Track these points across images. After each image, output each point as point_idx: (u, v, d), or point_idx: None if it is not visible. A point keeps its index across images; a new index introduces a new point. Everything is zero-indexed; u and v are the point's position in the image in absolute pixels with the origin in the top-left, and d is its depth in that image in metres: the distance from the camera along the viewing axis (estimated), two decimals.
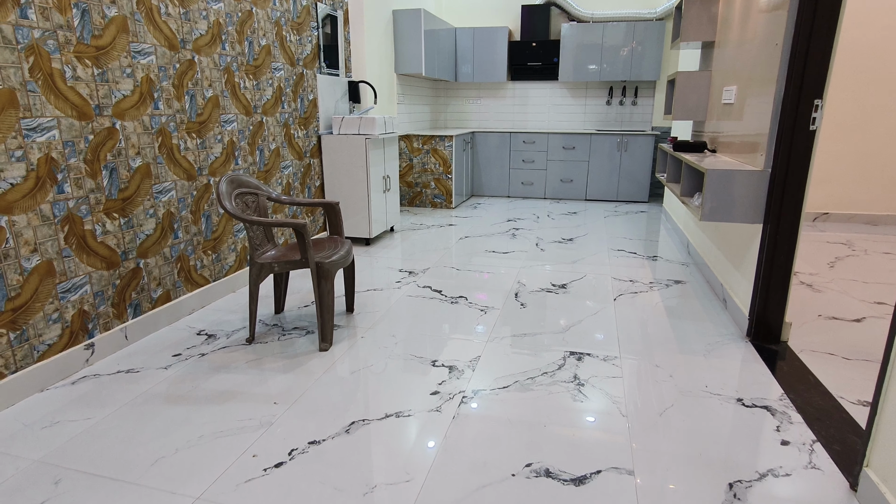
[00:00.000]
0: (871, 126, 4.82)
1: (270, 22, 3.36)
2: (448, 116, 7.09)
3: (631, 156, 6.12)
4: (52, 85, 2.05)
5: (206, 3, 2.79)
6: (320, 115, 4.05)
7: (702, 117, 3.66)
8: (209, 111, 2.89)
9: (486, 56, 6.45)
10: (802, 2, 2.13)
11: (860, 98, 4.78)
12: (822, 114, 2.22)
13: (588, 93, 6.59)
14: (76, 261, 2.20)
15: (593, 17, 6.19)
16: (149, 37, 2.46)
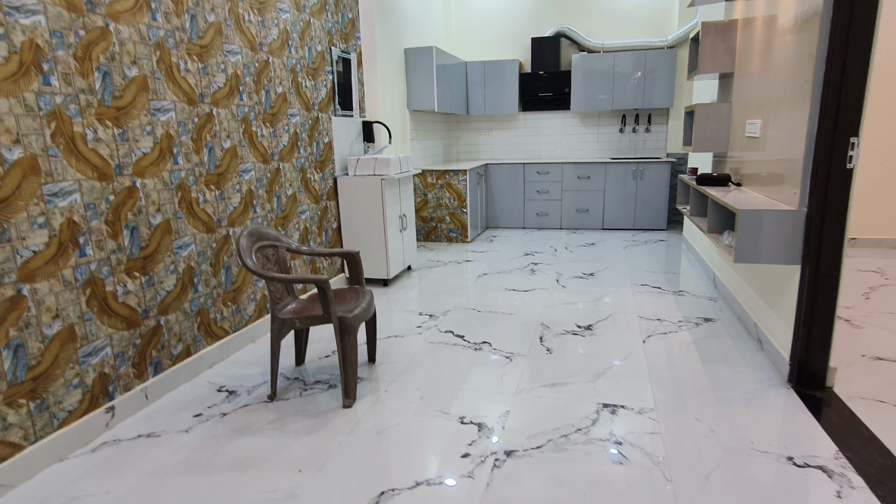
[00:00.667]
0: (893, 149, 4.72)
1: (286, 70, 3.38)
2: (460, 149, 7.10)
3: (647, 183, 6.05)
4: (74, 148, 2.04)
5: (223, 56, 2.81)
6: (336, 156, 4.05)
7: (723, 149, 3.59)
8: (227, 162, 2.88)
9: (498, 88, 6.48)
10: (833, 38, 2.07)
11: (883, 121, 4.69)
12: (858, 151, 2.14)
13: (601, 121, 6.57)
14: (97, 323, 2.16)
15: (603, 46, 6.21)
16: (168, 93, 2.47)
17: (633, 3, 6.20)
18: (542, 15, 6.47)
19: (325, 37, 3.82)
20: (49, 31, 1.93)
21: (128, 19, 2.24)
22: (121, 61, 2.22)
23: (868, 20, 2.01)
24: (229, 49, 2.85)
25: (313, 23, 3.66)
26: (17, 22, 1.82)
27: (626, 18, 6.25)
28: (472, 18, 6.68)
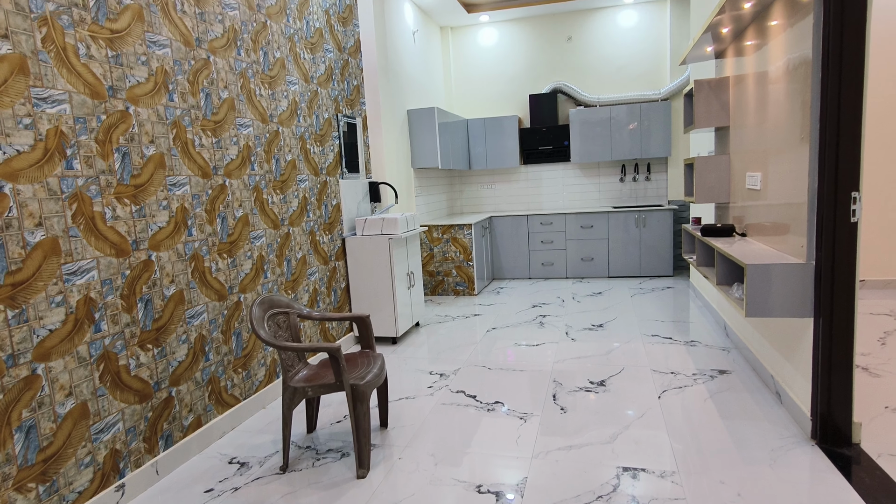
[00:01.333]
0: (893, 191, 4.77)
1: (295, 138, 3.49)
2: (464, 203, 7.21)
3: (650, 230, 6.10)
4: (93, 227, 2.10)
5: (236, 129, 2.92)
6: (344, 218, 4.12)
7: (725, 199, 3.65)
8: (239, 230, 2.94)
9: (498, 143, 6.65)
10: (825, 93, 2.15)
11: (885, 162, 4.76)
12: (861, 205, 2.17)
13: (601, 171, 6.70)
14: (110, 398, 2.16)
15: (599, 100, 6.41)
16: (184, 169, 2.56)
17: (626, 60, 6.45)
18: (538, 73, 6.73)
19: (331, 104, 3.97)
20: (73, 117, 2.03)
21: (147, 102, 2.35)
22: (139, 141, 2.31)
23: (857, 70, 2.09)
24: (241, 122, 2.97)
25: (320, 92, 3.82)
26: (43, 112, 1.92)
27: (620, 73, 6.49)
28: (472, 79, 6.94)
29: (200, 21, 2.67)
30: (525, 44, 6.72)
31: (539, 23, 6.64)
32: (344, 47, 4.18)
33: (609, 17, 6.45)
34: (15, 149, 1.82)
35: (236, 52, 2.93)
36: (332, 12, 4.00)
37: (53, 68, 1.95)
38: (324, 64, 3.87)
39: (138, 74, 2.31)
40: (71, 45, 2.02)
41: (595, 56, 6.54)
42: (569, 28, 6.57)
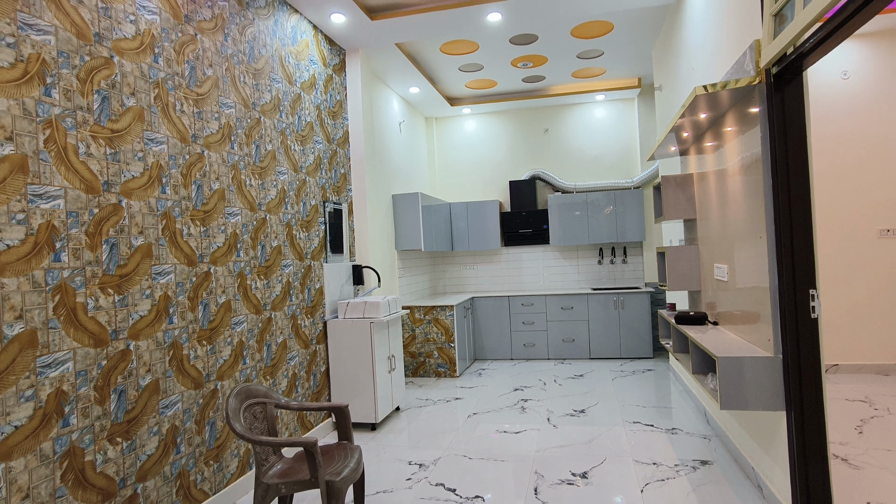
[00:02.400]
0: (858, 276, 4.99)
1: (282, 225, 3.60)
2: (447, 283, 7.30)
3: (629, 312, 6.20)
4: (74, 319, 2.11)
5: (224, 218, 3.01)
6: (326, 301, 4.15)
7: (696, 287, 3.78)
8: (221, 316, 2.95)
9: (480, 226, 6.86)
10: (776, 197, 2.32)
11: (850, 248, 5.01)
12: (819, 301, 2.29)
13: (579, 254, 6.90)
14: (70, 499, 2.06)
15: (576, 187, 6.73)
16: (170, 257, 2.61)
17: (599, 150, 6.86)
18: (518, 161, 7.09)
19: (319, 192, 4.13)
20: (66, 212, 2.09)
21: (139, 195, 2.44)
22: (128, 232, 2.38)
23: (803, 174, 2.28)
24: (230, 211, 3.07)
25: (308, 181, 3.98)
26: (38, 207, 1.98)
27: (595, 163, 6.87)
28: (455, 165, 7.27)
29: (198, 119, 2.84)
30: (505, 134, 7.13)
31: (518, 115, 7.09)
32: (333, 138, 4.41)
33: (582, 112, 6.92)
34: (5, 243, 1.86)
35: (230, 146, 3.09)
36: (322, 107, 4.25)
37: (52, 166, 2.04)
38: (313, 154, 4.06)
39: (134, 169, 2.42)
40: (72, 144, 2.12)
41: (571, 146, 6.94)
42: (545, 121, 7.02)
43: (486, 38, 4.81)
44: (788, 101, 2.29)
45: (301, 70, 3.95)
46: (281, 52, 3.69)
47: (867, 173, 4.92)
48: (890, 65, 4.87)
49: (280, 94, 3.65)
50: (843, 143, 4.94)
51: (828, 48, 1.98)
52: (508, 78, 6.02)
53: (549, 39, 4.93)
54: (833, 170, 4.98)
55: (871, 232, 4.93)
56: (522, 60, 5.46)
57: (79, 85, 2.16)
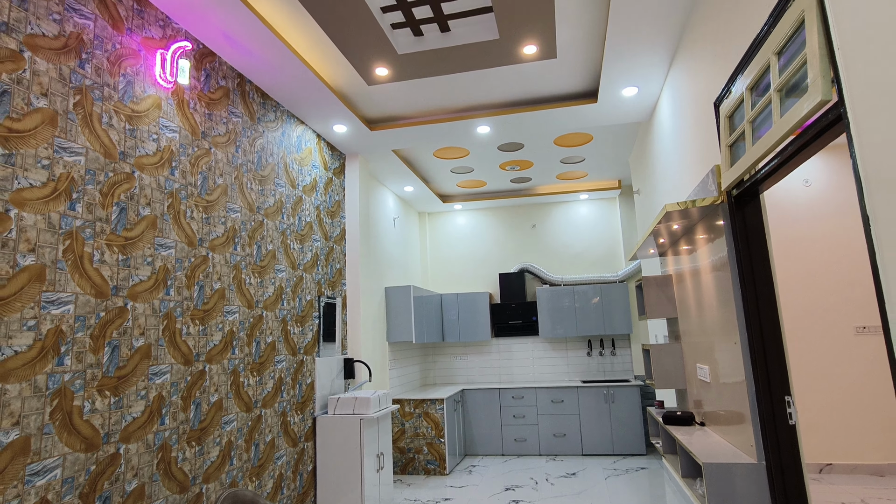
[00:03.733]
0: (839, 374, 5.08)
1: (277, 321, 3.69)
2: (437, 373, 7.27)
3: (619, 406, 6.17)
4: (69, 423, 2.14)
5: (223, 317, 3.11)
6: (317, 396, 4.15)
7: (682, 385, 3.85)
8: (212, 416, 2.96)
9: (471, 317, 6.96)
10: (747, 305, 2.48)
11: (824, 348, 5.13)
12: (796, 408, 2.38)
13: (568, 346, 6.97)
14: None
15: (563, 280, 6.94)
16: (168, 358, 2.67)
17: (584, 246, 7.15)
18: (507, 254, 7.35)
19: (314, 287, 4.26)
20: (74, 316, 2.20)
21: (145, 297, 2.56)
22: (131, 334, 2.46)
23: (768, 286, 2.45)
24: (229, 310, 3.17)
25: (305, 277, 4.13)
26: (48, 314, 2.09)
27: (580, 258, 7.13)
28: (447, 258, 7.51)
29: (205, 224, 3.02)
30: (494, 229, 7.45)
31: (506, 212, 7.45)
32: (330, 236, 4.62)
33: (567, 210, 7.29)
34: (14, 349, 1.95)
35: (233, 248, 3.26)
36: (322, 208, 4.50)
37: (67, 274, 2.17)
38: (311, 252, 4.25)
39: (142, 273, 2.55)
40: (88, 252, 2.27)
41: (557, 241, 7.24)
42: (533, 217, 7.37)
43: (475, 146, 5.20)
44: (749, 219, 2.52)
45: (304, 174, 4.23)
46: (286, 159, 3.98)
47: (838, 273, 5.16)
48: (847, 174, 5.29)
49: (283, 198, 3.89)
50: (811, 245, 5.23)
51: (779, 177, 2.23)
52: (497, 179, 6.41)
53: (533, 147, 5.34)
54: (805, 271, 5.23)
55: (847, 329, 5.09)
56: (510, 164, 5.86)
57: (100, 199, 2.35)
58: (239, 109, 3.43)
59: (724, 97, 2.55)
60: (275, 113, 3.87)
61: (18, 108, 2.02)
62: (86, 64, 2.32)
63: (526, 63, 3.64)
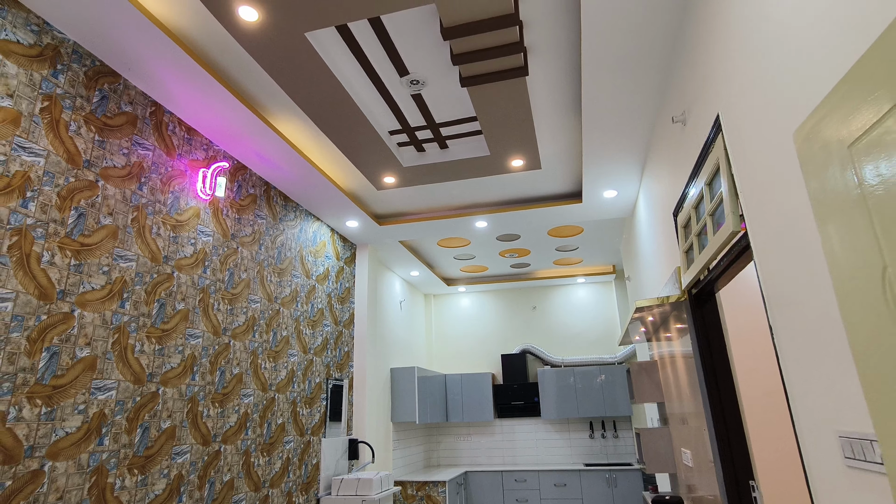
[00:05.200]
0: None
1: (288, 402, 3.97)
2: (441, 454, 7.32)
3: (622, 491, 6.16)
4: (103, 499, 2.41)
5: (239, 400, 3.42)
6: (321, 476, 4.33)
7: (673, 470, 3.99)
8: (223, 494, 3.19)
9: (474, 397, 7.12)
10: (711, 395, 2.75)
11: None
12: (760, 491, 2.58)
13: (570, 427, 7.05)
14: None
15: (563, 361, 7.15)
16: (189, 438, 2.96)
17: (583, 327, 7.42)
18: (508, 335, 7.62)
19: (323, 370, 4.57)
20: (115, 401, 2.53)
21: (174, 383, 2.90)
22: (160, 417, 2.78)
23: (727, 375, 2.72)
24: (245, 392, 3.48)
25: (315, 360, 4.45)
26: (95, 399, 2.43)
27: (579, 338, 7.38)
28: (451, 339, 7.80)
29: (229, 315, 3.41)
30: (496, 310, 7.77)
31: (508, 294, 7.81)
32: (340, 321, 4.98)
33: (566, 292, 7.64)
34: (66, 431, 2.27)
35: (252, 335, 3.62)
36: (333, 295, 4.90)
37: (113, 363, 2.53)
38: (321, 336, 4.59)
39: (173, 361, 2.91)
40: (131, 344, 2.65)
41: (557, 323, 7.52)
42: (533, 299, 7.71)
43: (476, 237, 5.67)
44: (707, 316, 2.86)
45: (318, 265, 4.67)
46: (302, 252, 4.43)
47: None
48: None
49: (298, 287, 4.30)
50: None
51: (725, 281, 2.59)
52: (497, 264, 6.83)
53: (529, 238, 5.79)
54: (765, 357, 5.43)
55: None
56: (509, 252, 6.30)
57: (145, 297, 2.76)
58: (264, 212, 3.92)
59: (679, 209, 2.97)
60: (294, 213, 4.37)
61: (90, 227, 2.48)
62: (143, 186, 2.82)
63: (515, 173, 4.16)
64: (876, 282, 1.03)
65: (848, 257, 1.14)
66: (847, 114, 1.03)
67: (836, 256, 1.19)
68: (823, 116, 1.13)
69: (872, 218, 1.03)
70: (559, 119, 3.50)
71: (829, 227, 1.23)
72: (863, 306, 1.09)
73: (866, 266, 1.06)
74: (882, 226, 1.00)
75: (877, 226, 1.02)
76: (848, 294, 1.15)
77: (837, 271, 1.19)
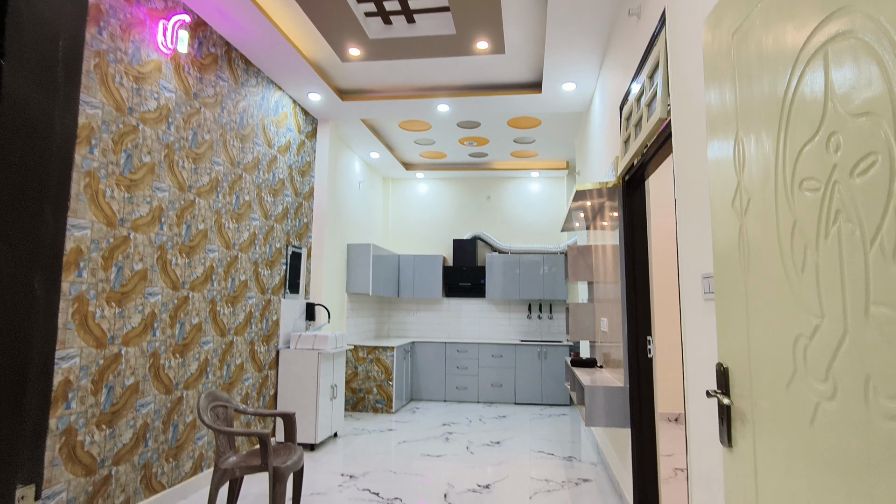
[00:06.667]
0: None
1: (250, 262, 4.25)
2: (391, 327, 7.95)
3: (550, 363, 7.01)
4: (86, 324, 2.68)
5: (205, 254, 3.66)
6: (281, 332, 4.75)
7: (592, 338, 4.63)
8: (193, 335, 3.53)
9: (425, 277, 7.63)
10: (629, 267, 3.21)
11: None
12: (654, 346, 3.14)
13: (511, 308, 7.75)
14: (62, 469, 2.57)
15: (511, 248, 7.66)
16: (160, 282, 3.22)
17: (532, 218, 7.88)
18: (461, 222, 8.00)
19: (284, 237, 4.81)
20: (90, 239, 2.71)
21: (145, 230, 3.08)
22: (132, 259, 3.00)
23: (643, 259, 3.18)
24: (210, 248, 3.71)
25: (276, 227, 4.67)
26: (71, 235, 2.61)
27: (528, 229, 7.86)
28: (406, 221, 8.11)
29: (194, 173, 3.53)
30: (452, 198, 8.07)
31: (464, 183, 8.07)
32: (300, 193, 5.15)
33: (520, 185, 7.97)
34: None
35: (216, 196, 3.78)
36: (294, 167, 5.02)
37: (86, 204, 2.68)
38: (282, 205, 4.78)
39: (142, 210, 3.07)
40: (102, 189, 2.77)
41: (508, 213, 7.93)
42: (488, 189, 8.02)
43: (437, 121, 5.76)
44: (635, 202, 3.23)
45: (279, 136, 4.73)
46: (264, 121, 4.46)
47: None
48: None
49: (260, 155, 4.39)
50: None
51: (654, 167, 2.92)
52: (456, 152, 7.00)
53: (489, 126, 5.94)
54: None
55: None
56: (468, 140, 6.45)
57: (112, 146, 2.84)
58: (225, 74, 3.89)
59: (624, 102, 3.21)
60: (256, 79, 4.33)
61: None
62: (103, 31, 2.78)
63: (479, 56, 4.22)
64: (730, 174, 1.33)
65: (716, 154, 1.42)
66: (737, 5, 1.26)
67: (713, 154, 1.48)
68: (725, 8, 1.35)
69: (738, 115, 1.29)
70: (526, 4, 3.54)
71: (715, 127, 1.50)
72: (722, 203, 1.40)
73: (728, 166, 1.35)
74: (742, 114, 1.27)
75: (739, 119, 1.29)
76: (714, 183, 1.45)
77: (712, 169, 1.49)
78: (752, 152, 1.19)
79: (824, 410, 0.92)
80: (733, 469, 1.30)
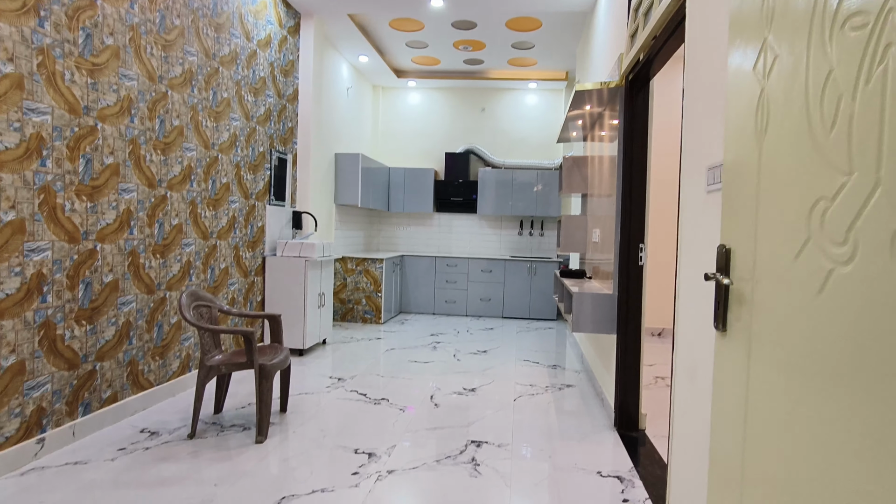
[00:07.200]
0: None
1: (231, 164, 4.06)
2: (381, 241, 7.89)
3: (539, 279, 7.05)
4: (54, 216, 2.55)
5: (182, 152, 3.46)
6: (266, 239, 4.65)
7: (583, 251, 4.59)
8: (173, 236, 3.42)
9: (416, 191, 7.47)
10: (627, 172, 3.08)
11: None
12: (646, 254, 3.09)
13: (502, 224, 7.68)
14: (44, 361, 2.54)
15: (504, 163, 7.46)
16: (134, 179, 3.05)
17: (527, 132, 7.60)
18: (454, 135, 7.72)
19: (267, 140, 4.59)
20: (52, 126, 2.52)
21: (112, 121, 2.87)
22: (102, 152, 2.81)
23: (642, 169, 3.04)
24: (187, 146, 3.51)
25: (258, 129, 4.43)
26: (30, 120, 2.41)
27: (522, 143, 7.61)
28: (397, 133, 7.81)
29: (164, 63, 3.25)
30: (445, 109, 7.73)
31: (458, 93, 7.70)
32: (283, 94, 4.85)
33: (516, 97, 7.62)
34: (4, 145, 2.30)
35: (190, 90, 3.52)
36: (276, 65, 4.68)
37: (43, 87, 2.46)
38: (264, 106, 4.51)
39: (109, 99, 2.84)
40: (59, 71, 2.54)
41: (503, 126, 7.64)
42: (483, 101, 7.67)
43: (430, 19, 5.35)
44: (638, 106, 3.04)
45: (258, 28, 4.36)
46: (241, 10, 4.09)
47: None
48: None
49: (238, 49, 4.06)
50: None
51: (661, 62, 2.71)
52: (451, 58, 6.59)
53: (486, 27, 5.54)
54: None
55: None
56: (463, 43, 6.05)
57: (67, 20, 2.57)
58: None
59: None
60: None
61: None
62: None
63: None
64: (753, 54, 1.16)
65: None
66: None
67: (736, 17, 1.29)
68: None
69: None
70: None
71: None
72: (740, 70, 1.23)
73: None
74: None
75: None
76: (734, 45, 1.28)
77: (733, 28, 1.31)
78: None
79: (838, 275, 0.84)
80: (725, 354, 1.25)
